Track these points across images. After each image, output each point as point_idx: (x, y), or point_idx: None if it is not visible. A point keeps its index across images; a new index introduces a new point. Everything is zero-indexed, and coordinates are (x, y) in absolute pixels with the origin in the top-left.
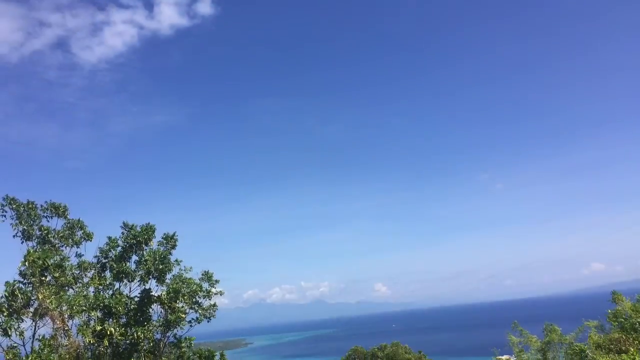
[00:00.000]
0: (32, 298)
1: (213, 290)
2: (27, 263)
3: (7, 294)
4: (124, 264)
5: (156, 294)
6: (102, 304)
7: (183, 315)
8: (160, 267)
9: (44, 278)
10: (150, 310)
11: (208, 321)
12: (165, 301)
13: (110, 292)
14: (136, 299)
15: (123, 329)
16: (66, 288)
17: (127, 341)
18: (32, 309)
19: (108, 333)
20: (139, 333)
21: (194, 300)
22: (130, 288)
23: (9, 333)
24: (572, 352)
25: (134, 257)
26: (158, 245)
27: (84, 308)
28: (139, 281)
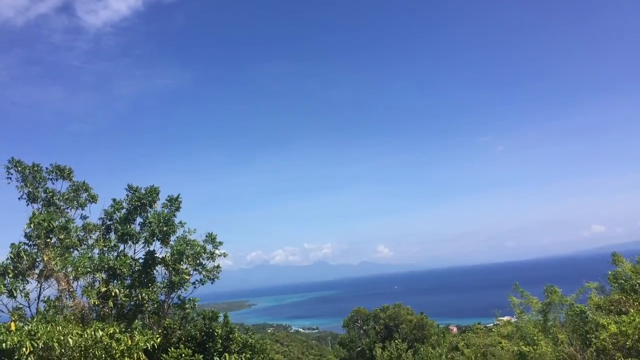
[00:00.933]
0: (38, 260)
1: (217, 252)
2: (32, 225)
3: (12, 256)
4: (128, 226)
5: (160, 256)
6: (106, 266)
7: (187, 277)
8: (165, 229)
9: (49, 240)
10: (155, 271)
11: (212, 283)
12: (170, 263)
13: (115, 253)
14: (140, 261)
15: (127, 290)
16: (71, 250)
17: (132, 302)
18: (37, 271)
19: (113, 294)
20: (143, 294)
21: (197, 262)
22: (134, 250)
23: (15, 294)
24: (573, 313)
25: (139, 219)
26: (162, 207)
27: (89, 269)
28: (143, 243)
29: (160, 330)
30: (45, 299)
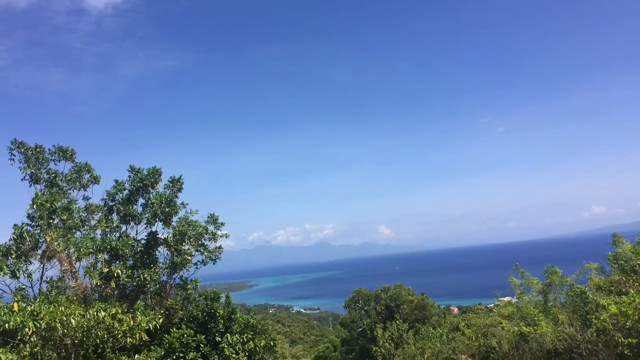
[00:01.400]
0: (40, 240)
1: (218, 232)
2: (35, 206)
3: (15, 237)
4: (130, 207)
5: (162, 237)
6: (109, 247)
7: (189, 258)
8: (167, 209)
9: (51, 221)
10: (157, 252)
11: (213, 263)
12: (172, 243)
13: (117, 234)
14: (143, 242)
15: (130, 271)
16: (73, 230)
17: (134, 283)
18: (40, 251)
19: (115, 275)
20: (145, 275)
21: (199, 242)
22: (137, 230)
23: (18, 275)
24: (573, 294)
25: (141, 200)
26: (164, 188)
27: (91, 250)
28: (145, 224)
29: (162, 311)
30: (48, 279)
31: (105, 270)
